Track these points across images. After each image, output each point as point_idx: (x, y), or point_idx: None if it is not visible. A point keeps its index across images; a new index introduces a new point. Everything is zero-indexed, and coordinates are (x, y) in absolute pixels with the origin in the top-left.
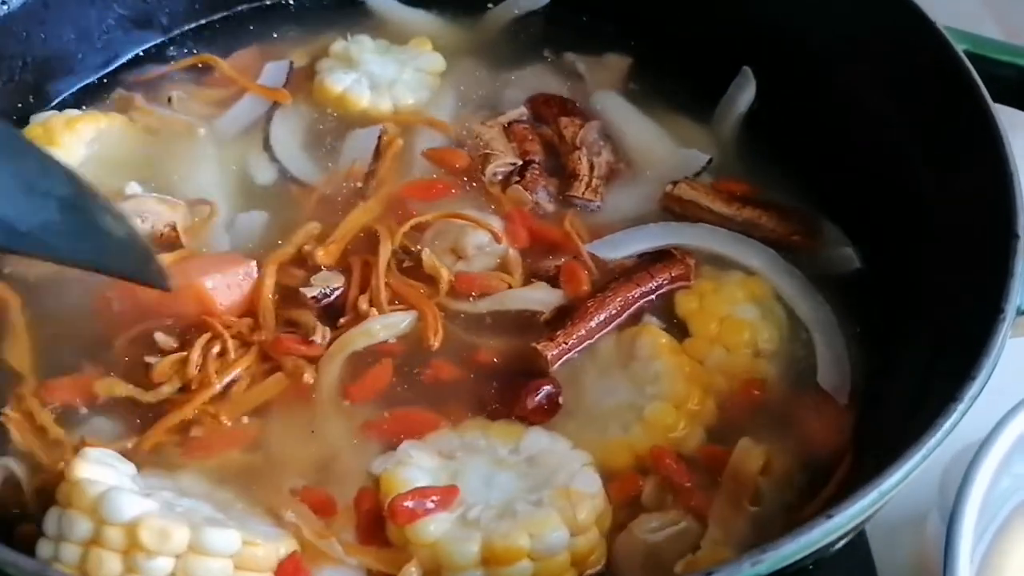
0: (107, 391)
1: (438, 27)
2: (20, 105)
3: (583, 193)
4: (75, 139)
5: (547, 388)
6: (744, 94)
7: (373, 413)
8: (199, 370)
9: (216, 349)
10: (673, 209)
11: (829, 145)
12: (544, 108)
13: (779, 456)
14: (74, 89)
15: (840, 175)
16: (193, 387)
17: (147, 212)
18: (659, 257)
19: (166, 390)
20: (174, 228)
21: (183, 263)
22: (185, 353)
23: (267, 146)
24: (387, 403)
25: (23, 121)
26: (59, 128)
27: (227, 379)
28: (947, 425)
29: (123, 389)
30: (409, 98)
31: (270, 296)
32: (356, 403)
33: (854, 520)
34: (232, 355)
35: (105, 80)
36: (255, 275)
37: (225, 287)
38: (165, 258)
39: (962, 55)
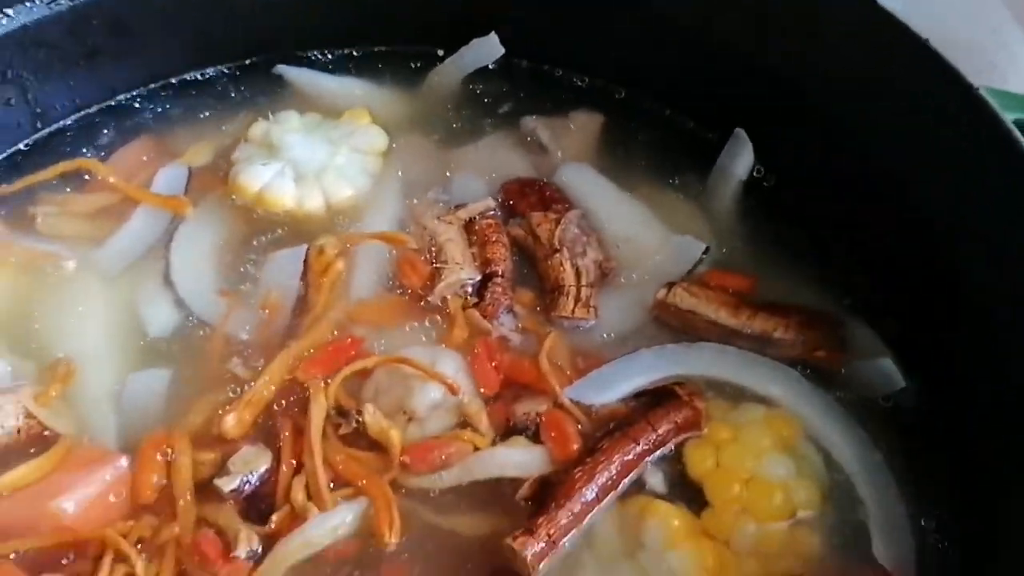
0: None
1: (373, 96)
2: None
3: (572, 311)
4: None
5: None
6: (740, 160)
7: None
8: None
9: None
10: (669, 320)
11: (849, 218)
12: (518, 198)
13: None
14: None
15: (872, 257)
16: None
17: None
18: (659, 398)
19: None
20: (30, 415)
21: (30, 491)
22: None
23: (168, 281)
24: None
25: None
26: None
27: None
28: None
29: None
30: (345, 189)
31: (189, 481)
32: None
33: None
34: None
35: None
36: (124, 469)
37: (92, 500)
38: (15, 476)
39: (1011, 127)
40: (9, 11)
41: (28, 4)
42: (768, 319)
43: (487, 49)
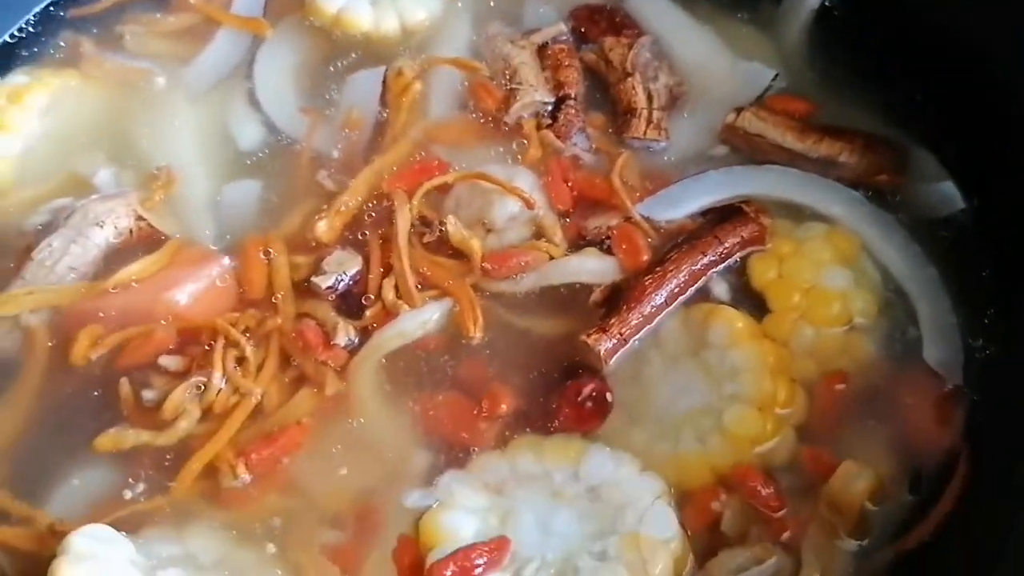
0: (114, 445)
1: None
2: None
3: (644, 132)
4: (25, 114)
5: (591, 389)
6: None
7: (416, 433)
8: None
9: (232, 358)
10: (737, 144)
11: (922, 50)
12: (589, 24)
13: (884, 465)
14: (3, 40)
15: (935, 87)
16: (217, 411)
17: (100, 216)
18: (727, 215)
19: (184, 426)
20: (141, 219)
21: (145, 284)
22: (199, 375)
23: (253, 99)
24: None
25: None
26: (3, 103)
27: (256, 393)
28: None
29: (133, 437)
30: (418, 12)
31: (288, 279)
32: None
33: None
34: (252, 361)
35: (37, 23)
36: (227, 267)
37: (201, 294)
38: (132, 270)
39: None
40: None
41: None
42: (833, 143)
43: None
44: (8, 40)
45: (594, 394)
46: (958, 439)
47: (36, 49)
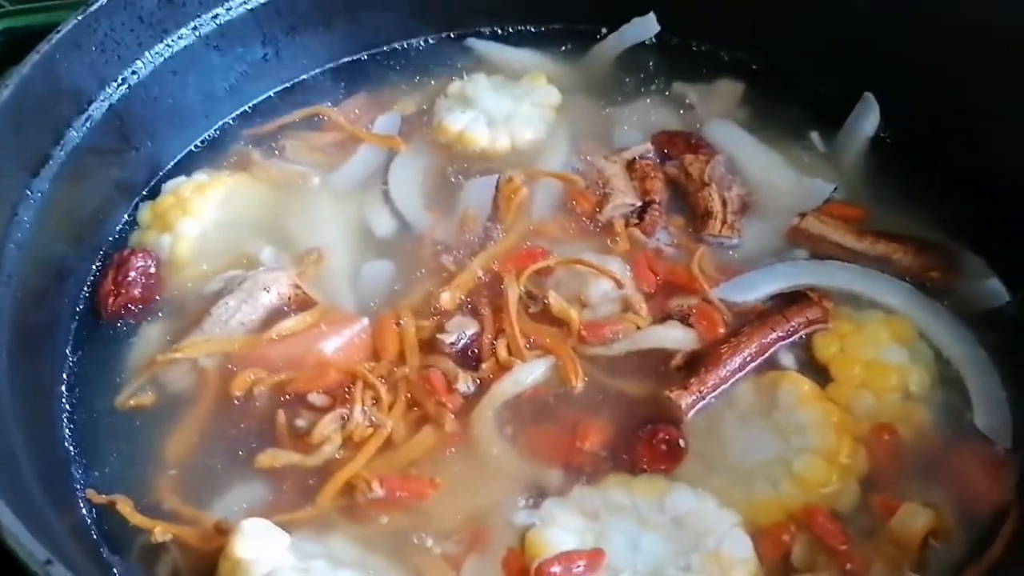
0: (270, 462)
1: (546, 65)
2: (140, 175)
3: (720, 231)
4: (206, 203)
5: (665, 433)
6: (867, 121)
7: (525, 464)
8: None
9: (369, 397)
10: (801, 244)
11: (967, 171)
12: (669, 146)
13: (940, 510)
14: (189, 149)
15: (982, 201)
16: (355, 440)
17: (267, 283)
18: (793, 299)
19: (328, 450)
20: (298, 287)
21: (299, 337)
22: (342, 410)
23: (387, 198)
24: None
25: (153, 190)
26: (189, 195)
27: (388, 425)
28: None
29: (286, 458)
30: (527, 133)
31: (415, 338)
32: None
33: None
34: (384, 401)
35: (217, 137)
36: (367, 329)
37: (344, 347)
38: (288, 325)
39: None
40: None
41: None
42: (888, 244)
43: (645, 27)
44: (193, 149)
45: (668, 438)
46: (1009, 494)
47: (215, 156)
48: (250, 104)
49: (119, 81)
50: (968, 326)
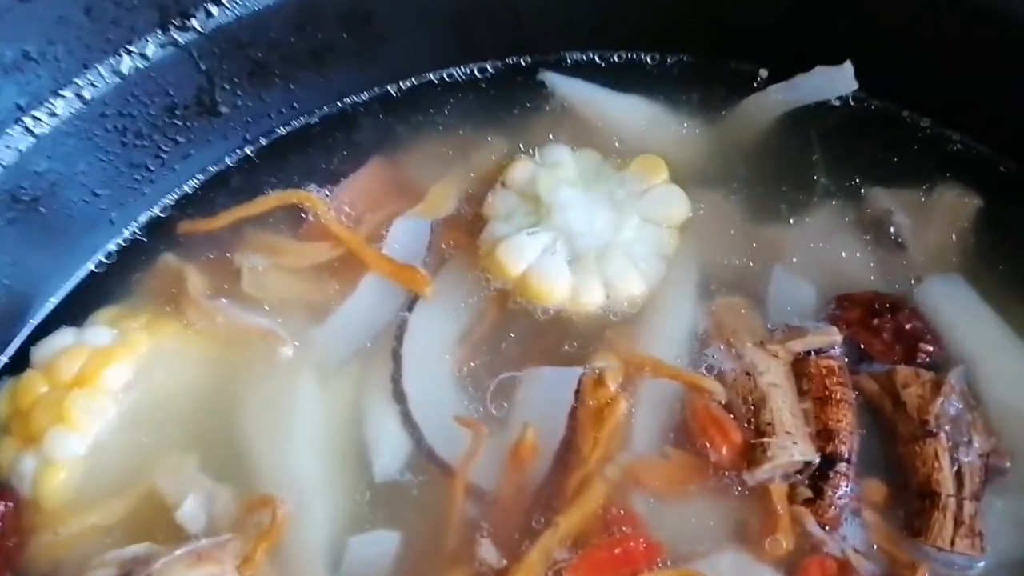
0: None
1: (664, 125)
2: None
3: (952, 540)
4: (98, 401)
5: None
6: None
7: None
8: None
9: None
10: None
11: None
12: (861, 327)
13: None
14: (79, 275)
15: None
16: None
17: None
18: None
19: None
20: None
21: None
22: None
23: (398, 389)
24: None
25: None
26: (77, 371)
27: None
28: None
29: None
30: (634, 282)
31: None
32: None
33: None
34: None
35: (131, 244)
36: None
37: None
38: None
39: None
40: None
41: None
42: None
43: (837, 81)
44: (94, 269)
45: None
46: None
47: (129, 279)
48: (189, 182)
49: None
50: None
